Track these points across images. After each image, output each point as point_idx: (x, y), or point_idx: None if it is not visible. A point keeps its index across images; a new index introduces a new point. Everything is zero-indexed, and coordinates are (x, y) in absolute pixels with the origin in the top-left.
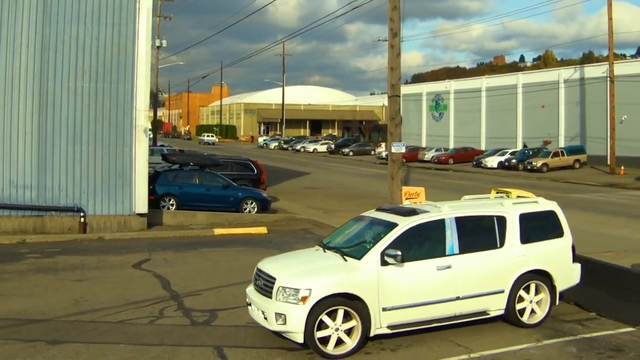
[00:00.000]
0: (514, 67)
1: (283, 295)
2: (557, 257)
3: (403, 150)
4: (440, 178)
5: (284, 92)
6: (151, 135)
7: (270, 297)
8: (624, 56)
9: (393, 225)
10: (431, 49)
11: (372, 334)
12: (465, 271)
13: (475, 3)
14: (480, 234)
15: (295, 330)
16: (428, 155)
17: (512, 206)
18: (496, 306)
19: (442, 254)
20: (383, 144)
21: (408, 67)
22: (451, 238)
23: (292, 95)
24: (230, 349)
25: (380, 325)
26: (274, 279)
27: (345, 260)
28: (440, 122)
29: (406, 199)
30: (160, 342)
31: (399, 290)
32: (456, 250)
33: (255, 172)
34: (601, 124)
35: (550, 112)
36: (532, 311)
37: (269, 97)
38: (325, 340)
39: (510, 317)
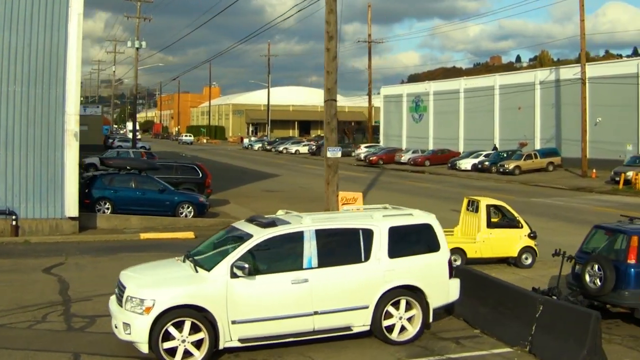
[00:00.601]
0: (510, 67)
1: (130, 304)
2: (431, 273)
3: (338, 155)
4: (408, 181)
5: (269, 93)
6: (141, 136)
7: (122, 306)
8: (620, 56)
9: (248, 237)
10: (429, 49)
11: (221, 346)
12: (323, 285)
13: (472, 3)
14: (343, 248)
15: (140, 340)
16: (405, 157)
17: (381, 219)
18: (360, 322)
19: (299, 267)
20: (362, 146)
21: (405, 67)
22: (310, 251)
23: (281, 96)
24: (88, 356)
25: (230, 338)
26: (125, 287)
27: (197, 272)
28: (420, 124)
29: (343, 204)
30: (25, 347)
31: (250, 304)
32: (315, 263)
33: (201, 175)
34: (576, 126)
35: (527, 114)
36: (403, 328)
37: (258, 98)
38: (172, 352)
39: (378, 333)
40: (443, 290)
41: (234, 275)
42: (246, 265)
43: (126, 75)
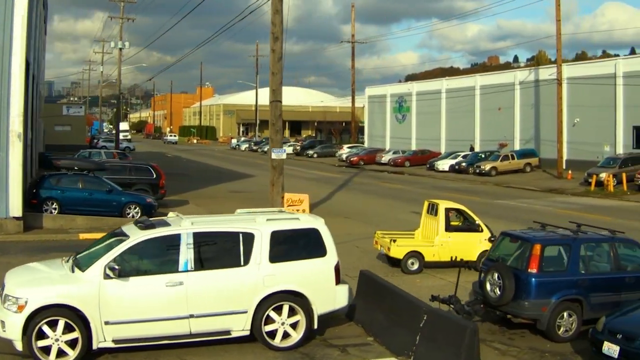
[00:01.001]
0: (508, 67)
1: (7, 302)
2: (316, 278)
3: (284, 156)
4: (381, 182)
5: (257, 94)
6: (129, 136)
7: (2, 304)
8: (617, 56)
9: (125, 238)
10: (427, 49)
11: (95, 347)
12: (199, 289)
13: (470, 3)
14: (222, 251)
15: (14, 337)
16: (385, 158)
17: (264, 223)
18: (239, 326)
19: (174, 269)
20: (345, 146)
21: (403, 67)
22: (186, 254)
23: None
24: None
25: (104, 338)
26: (4, 286)
27: (73, 272)
28: (403, 124)
29: (288, 205)
30: None
31: (123, 305)
32: (191, 266)
33: (155, 176)
34: (555, 127)
35: (507, 115)
36: (286, 333)
37: (250, 98)
38: (47, 350)
39: (259, 338)
40: (329, 296)
41: (106, 277)
42: (117, 267)
43: (122, 75)
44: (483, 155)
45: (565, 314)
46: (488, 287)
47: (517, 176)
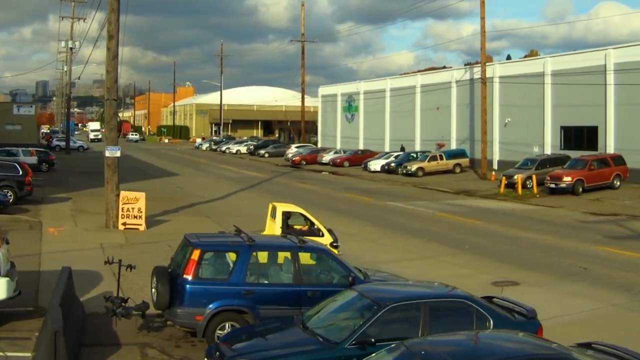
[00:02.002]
0: None
1: None
2: None
3: (118, 154)
4: (297, 182)
5: (222, 93)
6: (100, 135)
7: None
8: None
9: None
10: (422, 49)
11: None
12: None
13: (464, 4)
14: None
15: None
16: (326, 158)
17: None
18: None
19: None
20: (293, 146)
21: (398, 67)
22: None
23: (246, 96)
24: None
25: None
26: None
27: None
28: (352, 124)
29: (124, 204)
30: None
31: None
32: None
33: (21, 173)
34: (489, 127)
35: (445, 114)
36: None
37: (224, 98)
38: None
39: None
40: None
41: None
42: None
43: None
44: (415, 156)
45: (227, 324)
46: (152, 290)
47: (444, 177)
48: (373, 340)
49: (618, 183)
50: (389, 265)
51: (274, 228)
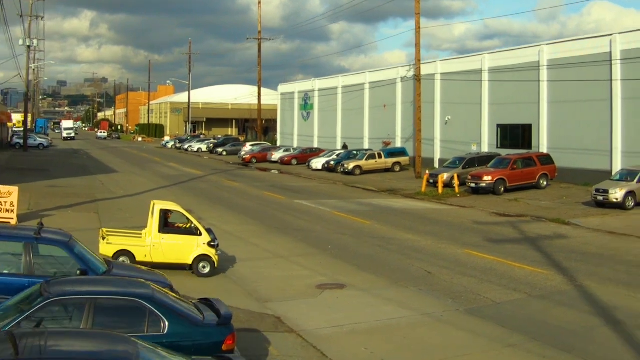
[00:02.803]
0: None
1: None
2: None
3: None
4: (229, 180)
5: (190, 92)
6: (73, 134)
7: None
8: None
9: None
10: (413, 48)
11: None
12: None
13: (457, 3)
14: None
15: None
16: (275, 156)
17: None
18: None
19: None
20: (247, 144)
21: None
22: None
23: (222, 94)
24: None
25: None
26: None
27: None
28: (308, 122)
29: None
30: None
31: None
32: None
33: None
34: (431, 125)
35: (391, 112)
36: None
37: (196, 96)
38: None
39: None
40: None
41: None
42: None
43: (109, 73)
44: (356, 153)
45: None
46: None
47: (380, 176)
48: None
49: (545, 183)
50: (239, 265)
51: (151, 225)
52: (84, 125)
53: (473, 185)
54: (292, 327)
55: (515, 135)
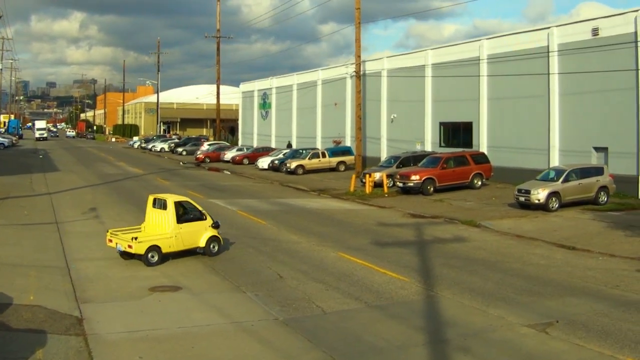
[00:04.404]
0: None
1: None
2: None
3: None
4: (163, 180)
5: (159, 92)
6: (45, 134)
7: None
8: None
9: None
10: (404, 48)
11: None
12: None
13: (446, 2)
14: None
15: None
16: (227, 156)
17: None
18: None
19: None
20: (205, 144)
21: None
22: None
23: (197, 94)
24: None
25: None
26: None
27: None
28: (266, 121)
29: None
30: None
31: None
32: None
33: None
34: (376, 123)
35: (341, 110)
36: None
37: (170, 96)
38: None
39: None
40: None
41: None
42: None
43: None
44: (301, 152)
45: None
46: None
47: (322, 175)
48: None
49: (480, 183)
50: (90, 263)
51: (160, 218)
52: (67, 126)
53: (401, 185)
54: (86, 330)
55: (457, 133)
